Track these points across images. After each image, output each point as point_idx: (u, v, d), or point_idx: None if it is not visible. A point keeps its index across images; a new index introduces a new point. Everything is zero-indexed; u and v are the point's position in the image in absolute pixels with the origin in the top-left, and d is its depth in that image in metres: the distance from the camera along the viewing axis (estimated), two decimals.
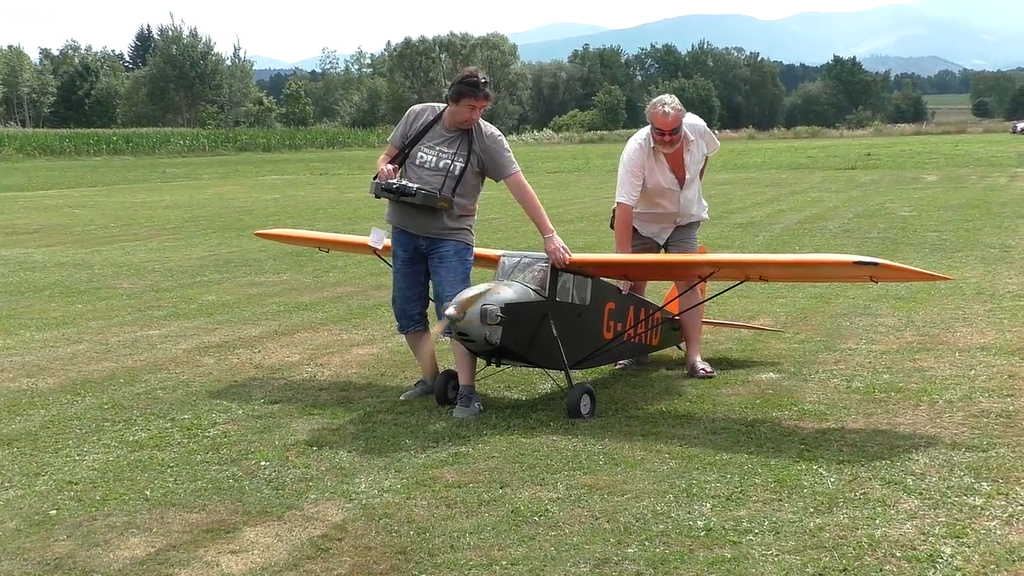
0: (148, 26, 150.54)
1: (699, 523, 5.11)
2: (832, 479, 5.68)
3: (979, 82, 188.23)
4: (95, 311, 11.86)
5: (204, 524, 5.28)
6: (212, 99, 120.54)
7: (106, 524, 5.30)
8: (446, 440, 6.58)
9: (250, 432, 6.88)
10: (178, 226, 22.88)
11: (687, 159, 8.35)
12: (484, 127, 7.56)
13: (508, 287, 7.05)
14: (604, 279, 7.80)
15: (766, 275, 8.06)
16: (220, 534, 5.15)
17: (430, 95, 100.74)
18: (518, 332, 6.98)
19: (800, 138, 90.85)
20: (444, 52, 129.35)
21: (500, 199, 7.58)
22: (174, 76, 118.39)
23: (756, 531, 5.00)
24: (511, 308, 6.91)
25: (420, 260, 7.61)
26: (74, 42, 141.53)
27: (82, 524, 5.31)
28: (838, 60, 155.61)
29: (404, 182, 7.35)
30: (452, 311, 6.74)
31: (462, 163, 7.42)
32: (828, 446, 6.29)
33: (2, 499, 5.73)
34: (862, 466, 5.88)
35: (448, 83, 7.62)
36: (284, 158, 71.42)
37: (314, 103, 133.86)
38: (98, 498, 5.68)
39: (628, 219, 8.31)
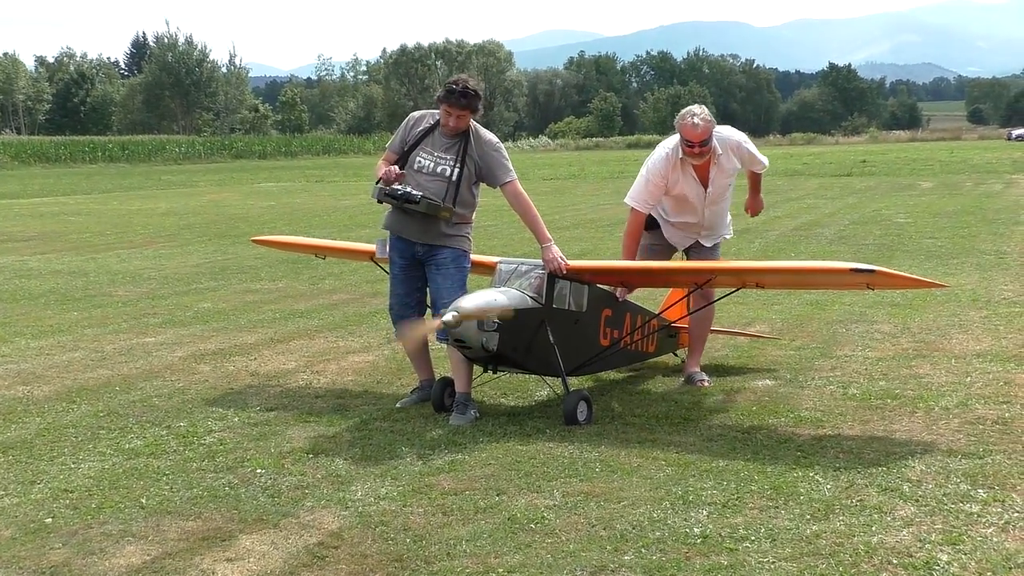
0: (144, 33, 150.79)
1: (695, 530, 5.11)
2: (828, 486, 5.68)
3: (974, 89, 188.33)
4: (91, 318, 11.85)
5: (200, 532, 5.27)
6: (208, 106, 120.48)
7: (102, 532, 5.29)
8: (442, 447, 6.58)
9: (246, 440, 6.87)
10: (174, 233, 22.87)
11: (712, 172, 8.12)
12: (482, 133, 7.57)
13: (505, 294, 7.05)
14: (600, 286, 7.80)
15: (763, 282, 8.06)
16: (216, 542, 5.14)
17: (426, 102, 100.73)
18: (515, 339, 6.99)
19: (796, 145, 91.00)
20: (440, 59, 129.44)
21: (496, 207, 7.59)
22: (170, 83, 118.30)
23: (752, 538, 4.99)
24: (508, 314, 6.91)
25: (417, 267, 7.62)
26: (69, 49, 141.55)
27: (78, 532, 5.30)
28: (833, 67, 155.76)
29: (408, 189, 7.33)
30: (450, 317, 6.74)
31: (459, 168, 7.44)
32: (824, 453, 6.29)
33: None
34: (858, 473, 5.88)
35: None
36: (280, 165, 71.40)
37: (310, 110, 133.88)
38: (94, 506, 5.67)
39: (639, 226, 8.16)
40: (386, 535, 5.17)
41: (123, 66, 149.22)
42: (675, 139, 8.06)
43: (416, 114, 7.80)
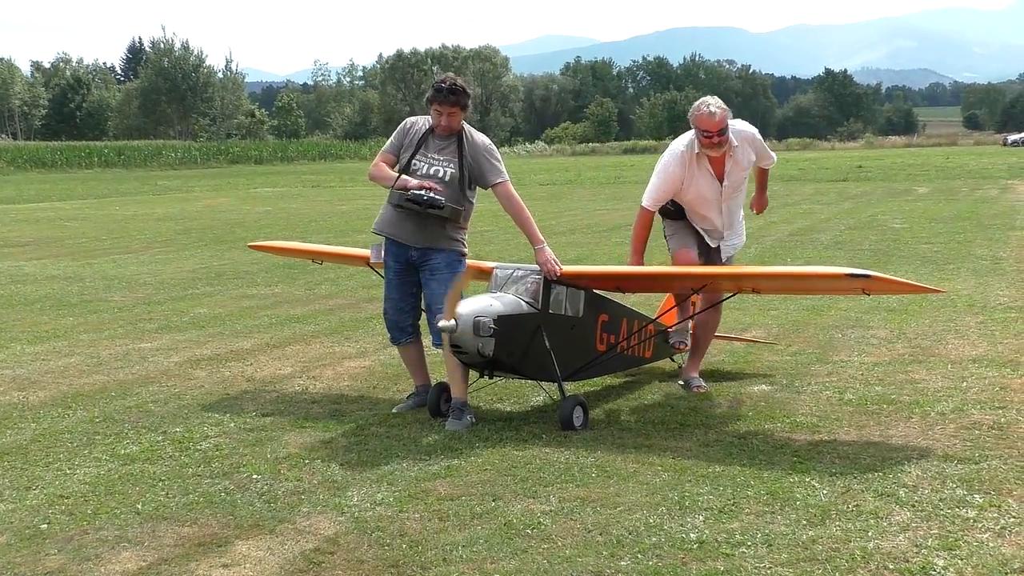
0: (140, 39, 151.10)
1: (692, 535, 5.10)
2: (825, 491, 5.68)
3: (970, 95, 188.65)
4: (86, 324, 11.84)
5: (196, 538, 5.26)
6: (204, 111, 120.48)
7: (97, 538, 5.28)
8: (438, 453, 6.57)
9: (242, 445, 6.86)
10: (170, 239, 22.86)
11: (728, 165, 8.00)
12: (474, 135, 7.62)
13: (500, 299, 7.05)
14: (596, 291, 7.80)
15: (759, 287, 8.07)
16: (212, 548, 5.13)
17: (422, 107, 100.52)
18: (511, 344, 6.99)
19: (792, 150, 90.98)
20: (436, 64, 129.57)
21: (491, 211, 7.59)
22: (166, 88, 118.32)
23: (749, 543, 4.99)
24: (504, 320, 6.91)
25: (412, 271, 7.63)
26: (65, 55, 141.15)
27: (73, 538, 5.29)
28: (829, 73, 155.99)
29: (433, 195, 7.33)
30: (445, 323, 6.75)
31: (453, 169, 7.46)
32: (821, 458, 6.29)
33: None
34: (855, 478, 5.88)
35: None
36: (276, 170, 71.41)
37: (306, 115, 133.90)
38: (89, 512, 5.66)
39: (647, 226, 8.07)
40: (382, 541, 5.16)
41: (119, 71, 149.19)
42: (688, 136, 7.98)
43: (411, 119, 7.83)
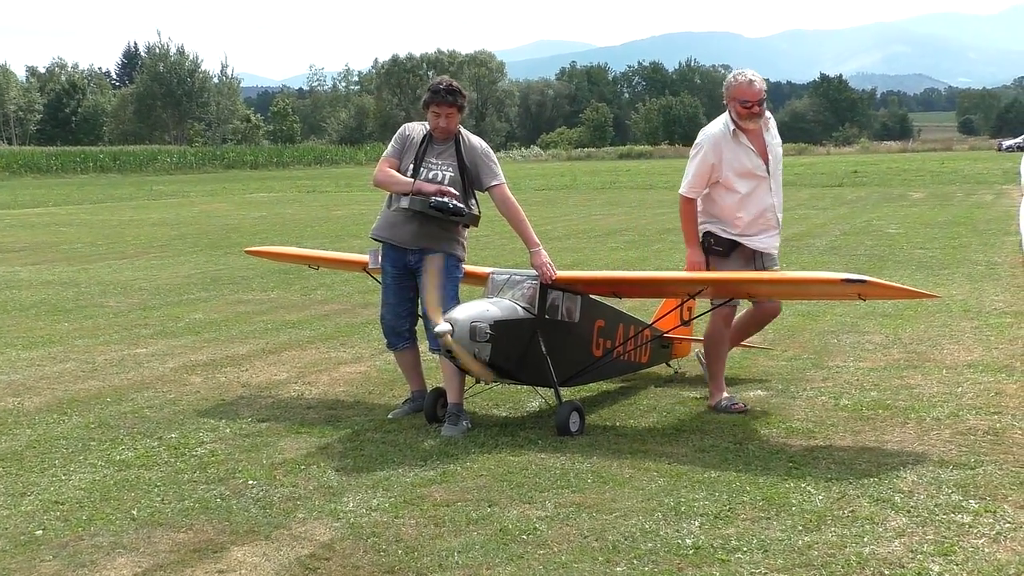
0: (135, 43, 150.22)
1: (688, 541, 5.10)
2: (820, 497, 5.69)
3: (964, 100, 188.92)
4: (82, 329, 11.82)
5: (191, 544, 5.25)
6: (199, 116, 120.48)
7: (92, 544, 5.27)
8: (434, 458, 6.57)
9: (237, 451, 6.86)
10: (165, 244, 22.84)
11: (767, 138, 7.77)
12: (470, 138, 7.66)
13: (497, 304, 7.06)
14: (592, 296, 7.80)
15: (755, 292, 8.07)
16: (207, 554, 5.13)
17: (417, 112, 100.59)
18: (507, 349, 6.99)
19: (787, 155, 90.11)
20: (432, 69, 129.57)
21: (487, 216, 7.60)
22: (161, 93, 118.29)
23: (745, 549, 4.99)
24: (500, 325, 6.91)
25: (409, 276, 7.63)
26: (61, 60, 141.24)
27: (68, 544, 5.28)
28: (824, 78, 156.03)
29: (456, 203, 7.32)
30: (441, 329, 6.74)
31: (452, 173, 7.47)
32: (816, 464, 6.30)
33: None
34: (850, 484, 5.88)
35: None
36: (272, 175, 71.35)
37: (302, 120, 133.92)
38: (84, 518, 5.65)
39: (692, 213, 7.76)
40: (378, 546, 5.16)
41: (115, 76, 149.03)
42: (720, 119, 7.75)
43: (408, 126, 7.84)
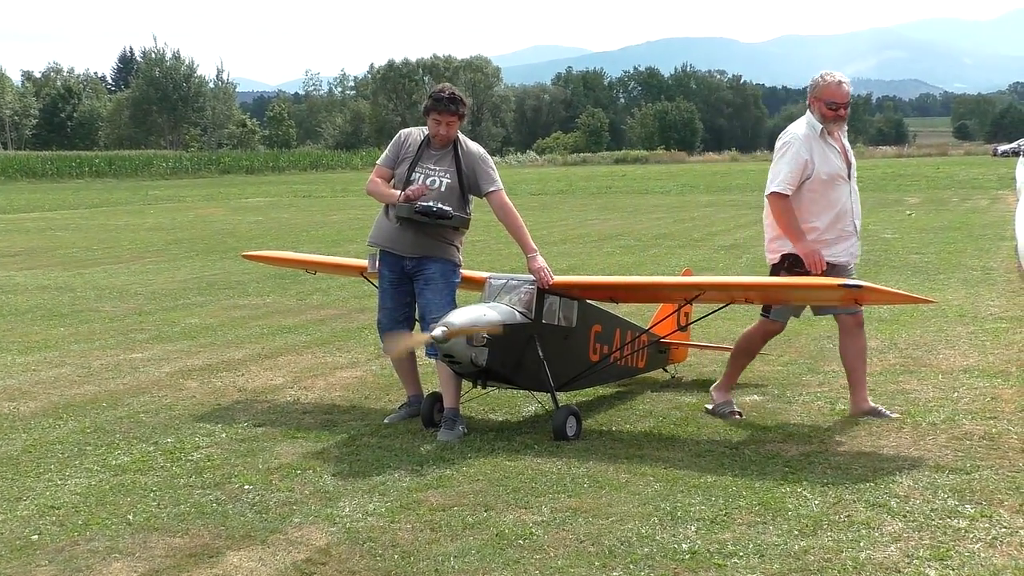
0: (131, 48, 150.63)
1: (684, 546, 5.10)
2: (816, 502, 5.69)
3: (960, 105, 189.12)
4: (77, 334, 11.81)
5: (187, 548, 5.25)
6: (195, 121, 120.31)
7: (88, 549, 5.27)
8: (431, 463, 6.57)
9: (233, 456, 6.85)
10: (161, 248, 22.82)
11: (845, 144, 7.60)
12: (468, 143, 7.65)
13: (494, 309, 7.06)
14: (590, 302, 7.80)
15: (751, 297, 8.07)
16: (203, 558, 5.12)
17: (413, 117, 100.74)
18: (504, 354, 6.99)
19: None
20: (427, 75, 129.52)
21: (484, 221, 7.60)
22: (157, 98, 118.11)
23: (741, 554, 5.00)
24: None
25: (406, 281, 7.62)
26: (56, 64, 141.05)
27: (64, 549, 5.27)
28: None
29: (440, 206, 7.33)
30: (439, 332, 6.74)
31: (449, 179, 7.47)
32: (812, 468, 6.30)
33: None
34: (846, 488, 5.89)
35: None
36: (267, 180, 71.31)
37: (297, 125, 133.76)
38: (80, 523, 5.65)
39: (789, 209, 7.39)
40: (374, 551, 5.15)
41: (110, 81, 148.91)
42: (802, 122, 7.49)
43: (405, 131, 7.83)
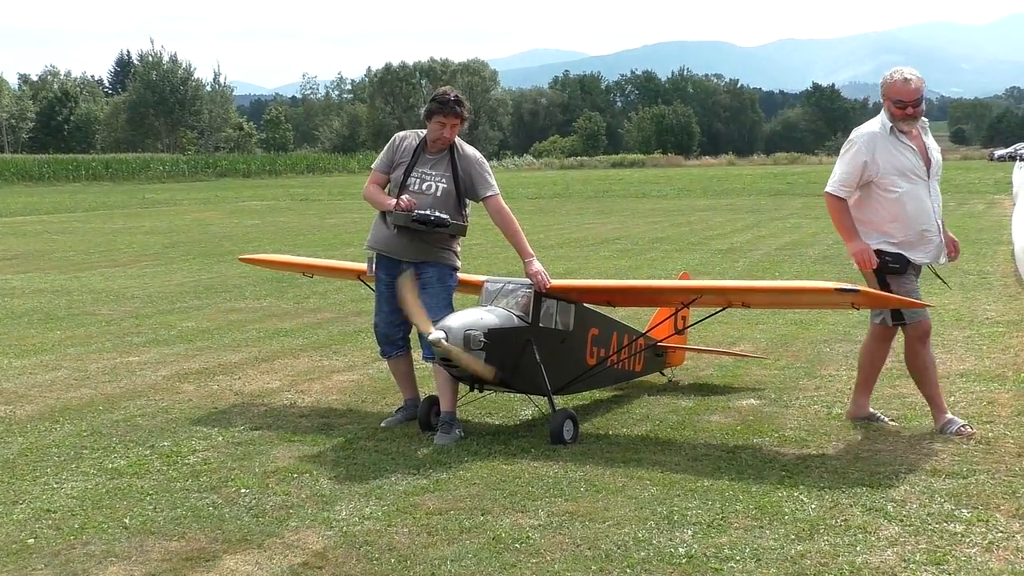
0: (128, 52, 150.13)
1: (680, 550, 5.10)
2: (813, 506, 5.69)
3: (956, 110, 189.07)
4: (74, 338, 11.80)
5: (183, 552, 5.24)
6: (192, 125, 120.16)
7: (84, 553, 5.26)
8: (427, 467, 6.56)
9: (230, 459, 6.84)
10: (158, 252, 22.81)
11: (927, 142, 7.28)
12: (464, 148, 7.65)
13: (492, 313, 7.06)
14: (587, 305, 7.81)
15: (748, 301, 8.08)
16: (199, 562, 5.12)
17: (411, 121, 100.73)
18: (502, 358, 6.99)
19: (780, 164, 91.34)
20: (424, 78, 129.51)
21: (481, 225, 7.61)
22: (154, 102, 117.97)
23: (738, 558, 5.00)
24: (494, 334, 6.92)
25: None
26: (53, 68, 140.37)
27: (60, 553, 5.27)
28: (817, 87, 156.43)
29: (437, 213, 7.33)
30: (436, 336, 6.74)
31: (445, 184, 7.47)
32: (809, 473, 6.30)
33: None
34: (843, 493, 5.89)
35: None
36: (264, 183, 71.27)
37: (294, 129, 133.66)
38: (76, 526, 5.64)
39: (842, 209, 7.40)
40: (370, 555, 5.15)
41: (107, 84, 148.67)
42: (878, 118, 7.27)
43: (401, 134, 7.83)
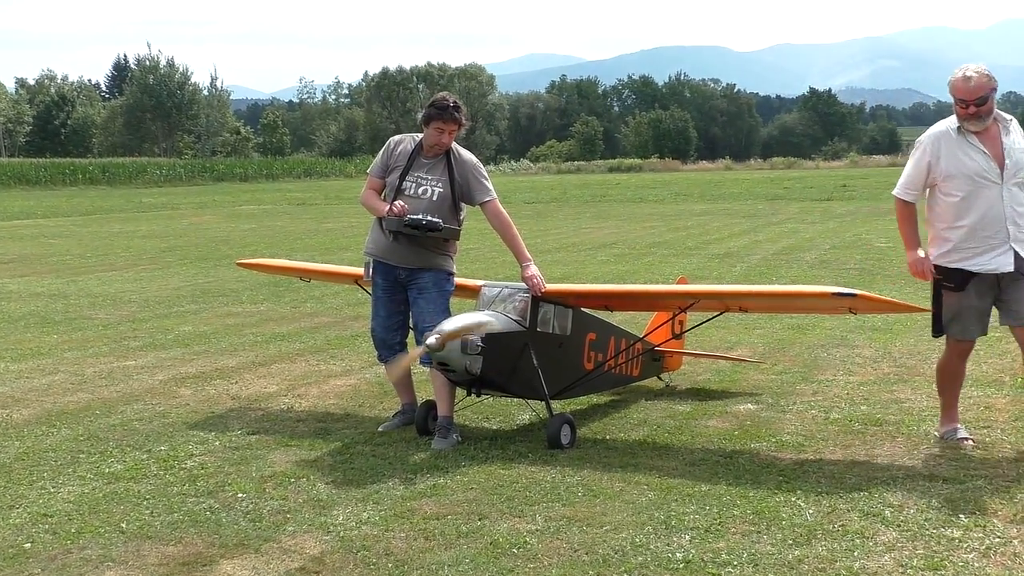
0: (125, 56, 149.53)
1: (678, 555, 5.10)
2: (811, 511, 5.69)
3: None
4: (71, 342, 11.79)
5: (180, 557, 5.23)
6: (189, 129, 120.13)
7: (81, 557, 5.25)
8: (424, 472, 6.56)
9: (227, 464, 6.84)
10: (155, 256, 22.79)
11: (1006, 142, 6.76)
12: (461, 152, 7.63)
13: (488, 316, 7.06)
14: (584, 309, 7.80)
15: (745, 306, 8.09)
16: (196, 567, 5.11)
17: (408, 125, 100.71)
18: (499, 362, 6.99)
19: (776, 169, 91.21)
20: (422, 83, 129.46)
21: (479, 229, 7.61)
22: (151, 106, 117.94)
23: (735, 563, 4.99)
24: (492, 338, 6.91)
25: (400, 289, 7.62)
26: (50, 72, 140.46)
27: (57, 557, 5.26)
28: (813, 92, 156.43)
29: (430, 217, 7.33)
30: (433, 340, 6.74)
31: (441, 188, 7.46)
32: (807, 478, 6.30)
33: None
34: (840, 498, 5.89)
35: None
36: (261, 188, 71.20)
37: (291, 133, 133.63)
38: (73, 531, 5.63)
39: (908, 215, 7.25)
40: (368, 560, 5.14)
41: (104, 88, 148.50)
42: (945, 120, 7.01)
43: (396, 137, 7.83)
